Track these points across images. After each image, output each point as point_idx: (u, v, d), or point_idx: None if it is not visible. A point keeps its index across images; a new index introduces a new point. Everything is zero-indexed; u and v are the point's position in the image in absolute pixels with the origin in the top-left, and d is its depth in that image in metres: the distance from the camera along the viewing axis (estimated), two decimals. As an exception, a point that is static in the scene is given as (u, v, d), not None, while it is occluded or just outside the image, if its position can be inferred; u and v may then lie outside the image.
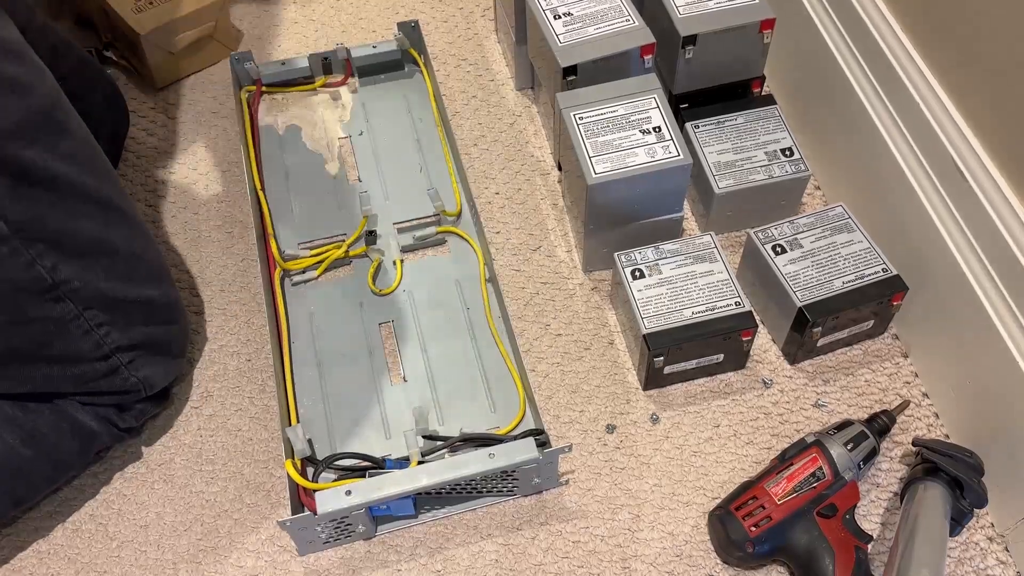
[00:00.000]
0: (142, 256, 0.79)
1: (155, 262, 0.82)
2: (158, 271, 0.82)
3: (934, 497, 0.73)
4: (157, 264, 0.82)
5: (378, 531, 0.78)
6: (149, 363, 0.79)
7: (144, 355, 0.79)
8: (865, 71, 0.88)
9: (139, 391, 0.80)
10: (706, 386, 0.86)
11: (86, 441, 0.78)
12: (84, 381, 0.76)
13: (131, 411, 0.81)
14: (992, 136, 0.75)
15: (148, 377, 0.80)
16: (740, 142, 0.92)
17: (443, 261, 0.94)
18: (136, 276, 0.78)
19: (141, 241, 0.80)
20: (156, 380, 0.81)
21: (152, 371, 0.80)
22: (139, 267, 0.78)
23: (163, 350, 0.81)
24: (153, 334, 0.79)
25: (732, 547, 0.73)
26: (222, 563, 0.77)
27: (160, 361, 0.81)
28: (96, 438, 0.79)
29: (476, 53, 1.14)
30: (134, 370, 0.78)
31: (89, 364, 0.76)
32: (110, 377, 0.77)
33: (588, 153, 0.84)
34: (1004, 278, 0.73)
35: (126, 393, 0.79)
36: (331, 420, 0.83)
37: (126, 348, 0.77)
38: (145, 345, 0.79)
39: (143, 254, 0.79)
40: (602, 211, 0.86)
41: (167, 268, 0.85)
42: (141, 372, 0.79)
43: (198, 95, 1.11)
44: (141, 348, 0.78)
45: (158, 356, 0.80)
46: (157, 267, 0.82)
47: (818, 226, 0.85)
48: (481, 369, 0.86)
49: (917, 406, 0.84)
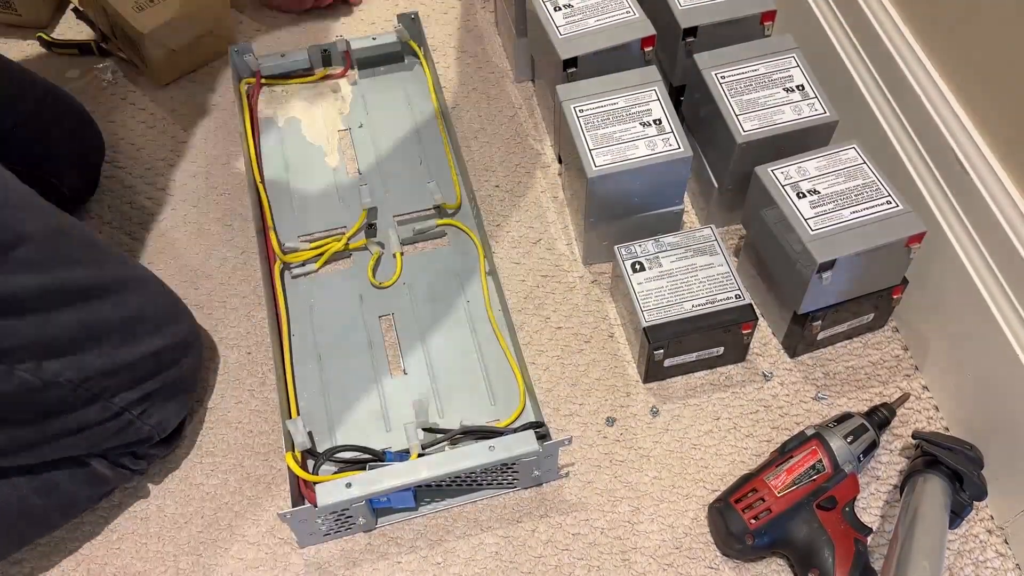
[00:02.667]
0: (140, 314, 0.76)
1: (157, 310, 0.78)
2: (162, 317, 0.79)
3: (934, 490, 0.73)
4: (160, 311, 0.79)
5: (378, 523, 0.78)
6: (161, 408, 0.77)
7: (156, 402, 0.77)
8: (866, 63, 0.88)
9: (152, 437, 0.78)
10: (706, 379, 0.86)
11: (98, 487, 0.78)
12: (96, 442, 0.75)
13: (143, 456, 0.79)
14: (993, 128, 0.75)
15: (161, 421, 0.78)
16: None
17: (443, 254, 0.94)
18: (135, 336, 0.75)
19: (135, 299, 0.76)
20: (169, 423, 0.79)
21: (164, 414, 0.78)
22: (138, 326, 0.75)
23: (176, 389, 0.79)
24: (164, 379, 0.77)
25: (732, 539, 0.73)
26: (222, 555, 0.77)
27: (173, 402, 0.79)
28: (107, 483, 0.78)
29: (476, 45, 1.14)
30: (146, 419, 0.76)
31: (99, 427, 0.73)
32: (123, 432, 0.75)
33: (588, 146, 0.84)
34: (1005, 271, 0.73)
35: (140, 441, 0.77)
36: (331, 413, 0.83)
37: (136, 403, 0.75)
38: (157, 392, 0.76)
39: (141, 311, 0.76)
40: (602, 204, 0.86)
41: (173, 306, 0.81)
42: (155, 418, 0.77)
43: (197, 87, 1.11)
44: (153, 397, 0.76)
45: (170, 398, 0.78)
46: (161, 313, 0.79)
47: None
48: (481, 362, 0.86)
49: (917, 399, 0.84)
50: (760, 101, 0.84)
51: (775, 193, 0.79)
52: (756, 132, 0.83)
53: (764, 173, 0.80)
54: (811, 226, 0.77)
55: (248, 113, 1.02)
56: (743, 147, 0.83)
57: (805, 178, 0.80)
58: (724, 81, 0.86)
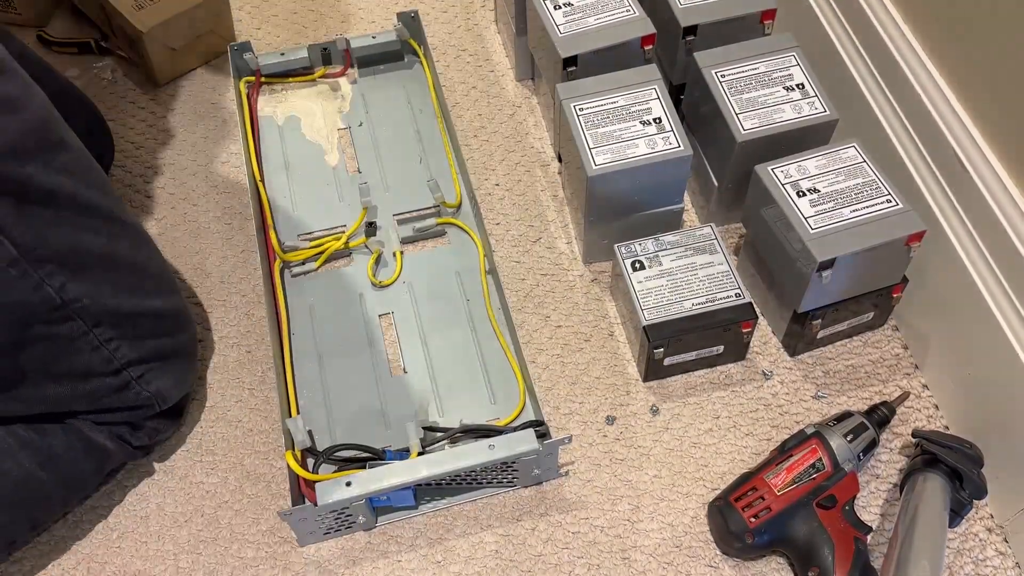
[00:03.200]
0: (147, 267, 0.78)
1: (160, 272, 0.81)
2: (163, 281, 0.81)
3: (934, 488, 0.73)
4: (162, 274, 0.81)
5: (378, 522, 0.78)
6: (160, 376, 0.78)
7: (154, 368, 0.78)
8: (867, 61, 0.88)
9: (152, 406, 0.78)
10: (706, 377, 0.86)
11: (100, 460, 0.78)
12: (96, 398, 0.75)
13: (144, 429, 0.79)
14: (993, 127, 0.75)
15: (160, 391, 0.78)
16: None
17: (443, 252, 0.94)
18: (143, 288, 0.77)
19: (144, 251, 0.79)
20: (168, 393, 0.79)
21: (163, 384, 0.79)
22: (145, 278, 0.77)
23: (173, 361, 0.80)
24: (162, 346, 0.78)
25: (732, 538, 0.73)
26: (223, 554, 0.77)
27: (171, 373, 0.79)
28: (110, 457, 0.78)
29: (476, 44, 1.14)
30: (145, 384, 0.77)
31: (100, 380, 0.75)
32: (122, 392, 0.76)
33: (588, 144, 0.84)
34: (1004, 270, 0.73)
35: (139, 408, 0.78)
36: (331, 411, 0.83)
37: (136, 362, 0.76)
38: (155, 357, 0.78)
39: (148, 265, 0.78)
40: (602, 203, 0.86)
41: (171, 277, 0.84)
42: (152, 386, 0.78)
43: (197, 86, 1.10)
44: (151, 361, 0.77)
45: (168, 368, 0.79)
46: (162, 277, 0.81)
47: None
48: (481, 360, 0.86)
49: (917, 397, 0.84)
50: (760, 100, 0.84)
51: (775, 192, 0.79)
52: (756, 131, 0.83)
53: (764, 172, 0.80)
54: (811, 225, 0.77)
55: (248, 112, 1.02)
56: (743, 146, 0.83)
57: (805, 177, 0.80)
58: (724, 80, 0.86)
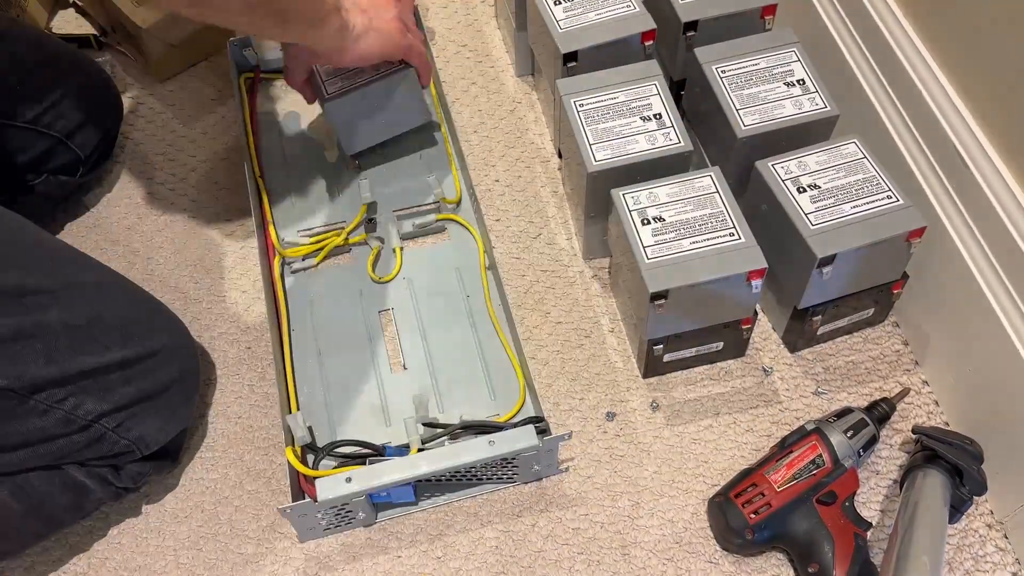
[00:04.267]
0: (101, 320, 0.72)
1: (125, 318, 0.75)
2: (132, 325, 0.75)
3: (933, 484, 0.73)
4: (128, 320, 0.75)
5: (378, 518, 0.78)
6: (142, 421, 0.74)
7: (136, 414, 0.73)
8: (867, 57, 0.88)
9: (132, 452, 0.74)
10: (706, 374, 0.86)
11: (79, 496, 0.74)
12: (64, 455, 0.72)
13: (126, 471, 0.76)
14: (994, 123, 0.75)
15: (142, 436, 0.74)
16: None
17: (443, 248, 0.94)
18: (96, 342, 0.71)
19: (91, 306, 0.72)
20: (153, 438, 0.75)
21: (146, 429, 0.74)
22: (97, 333, 0.72)
23: (159, 401, 0.75)
24: (142, 390, 0.74)
25: (731, 534, 0.73)
26: (223, 550, 0.77)
27: (156, 415, 0.75)
28: (90, 494, 0.75)
29: (476, 39, 1.14)
30: (124, 432, 0.73)
31: (65, 439, 0.71)
32: (95, 445, 0.72)
33: (588, 140, 0.84)
34: (1005, 265, 0.73)
35: (118, 455, 0.74)
36: (331, 408, 0.83)
37: (110, 412, 0.72)
38: (133, 403, 0.73)
39: (102, 318, 0.73)
40: (602, 199, 0.86)
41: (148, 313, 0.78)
42: (133, 432, 0.74)
43: (197, 81, 1.10)
44: (129, 406, 0.73)
45: (153, 410, 0.75)
46: (129, 322, 0.75)
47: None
48: (481, 357, 0.86)
49: (917, 394, 0.84)
50: (761, 95, 0.84)
51: (775, 188, 0.79)
52: (756, 127, 0.83)
53: (764, 168, 0.80)
54: (811, 221, 0.76)
55: (247, 107, 1.02)
56: (743, 142, 0.83)
57: (805, 173, 0.80)
58: (724, 75, 0.86)
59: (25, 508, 0.72)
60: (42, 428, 0.70)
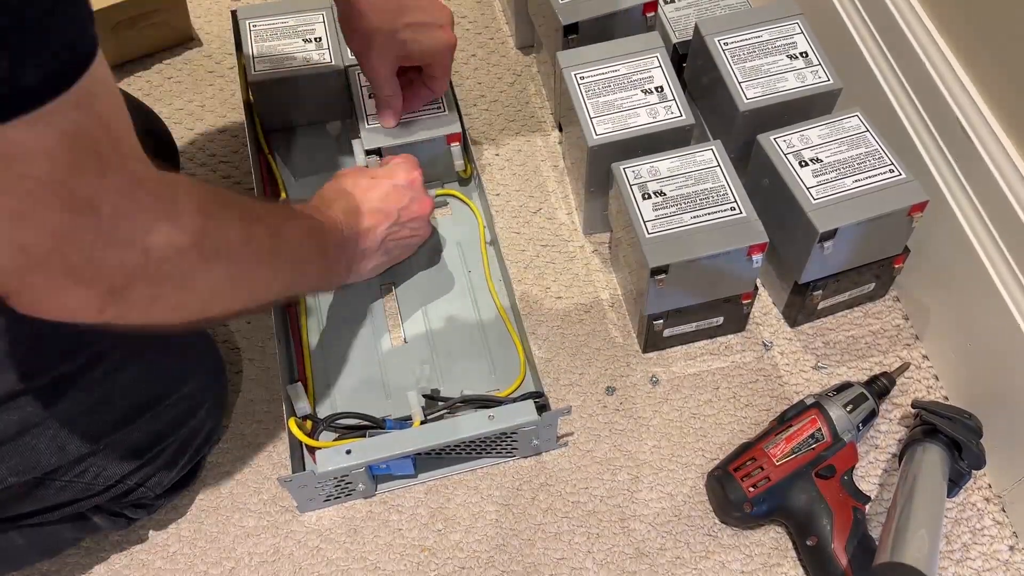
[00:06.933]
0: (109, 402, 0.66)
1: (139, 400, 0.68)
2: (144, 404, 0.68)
3: (932, 459, 0.73)
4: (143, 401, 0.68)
5: (378, 490, 0.78)
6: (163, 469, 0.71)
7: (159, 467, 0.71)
8: (871, 30, 0.87)
9: (149, 495, 0.72)
10: (706, 348, 0.86)
11: (82, 530, 0.73)
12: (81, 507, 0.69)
13: (145, 508, 0.74)
14: (998, 96, 0.74)
15: (162, 480, 0.72)
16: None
17: (444, 223, 0.94)
18: (108, 425, 0.66)
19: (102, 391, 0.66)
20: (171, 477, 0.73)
21: (165, 475, 0.72)
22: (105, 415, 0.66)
23: (179, 452, 0.72)
24: (161, 450, 0.70)
25: (730, 507, 0.74)
26: (224, 523, 0.78)
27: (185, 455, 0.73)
28: (95, 528, 0.73)
29: (476, 11, 1.12)
30: (142, 480, 0.70)
31: (86, 501, 0.68)
32: (113, 501, 0.71)
33: (589, 114, 0.83)
34: (1007, 240, 0.73)
35: (138, 504, 0.73)
36: (332, 381, 0.83)
37: (137, 468, 0.69)
38: (153, 458, 0.70)
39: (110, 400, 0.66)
40: (603, 173, 0.85)
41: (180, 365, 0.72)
42: (152, 480, 0.71)
43: (196, 55, 1.09)
44: (159, 457, 0.70)
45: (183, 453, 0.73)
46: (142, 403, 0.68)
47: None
48: (481, 331, 0.86)
49: (917, 368, 0.84)
50: (763, 68, 0.84)
51: (777, 161, 0.78)
52: (759, 100, 0.82)
53: (766, 141, 0.80)
54: (813, 195, 0.76)
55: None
56: (745, 115, 0.82)
57: (808, 146, 0.79)
58: (727, 48, 0.85)
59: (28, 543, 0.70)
60: (58, 499, 0.67)
